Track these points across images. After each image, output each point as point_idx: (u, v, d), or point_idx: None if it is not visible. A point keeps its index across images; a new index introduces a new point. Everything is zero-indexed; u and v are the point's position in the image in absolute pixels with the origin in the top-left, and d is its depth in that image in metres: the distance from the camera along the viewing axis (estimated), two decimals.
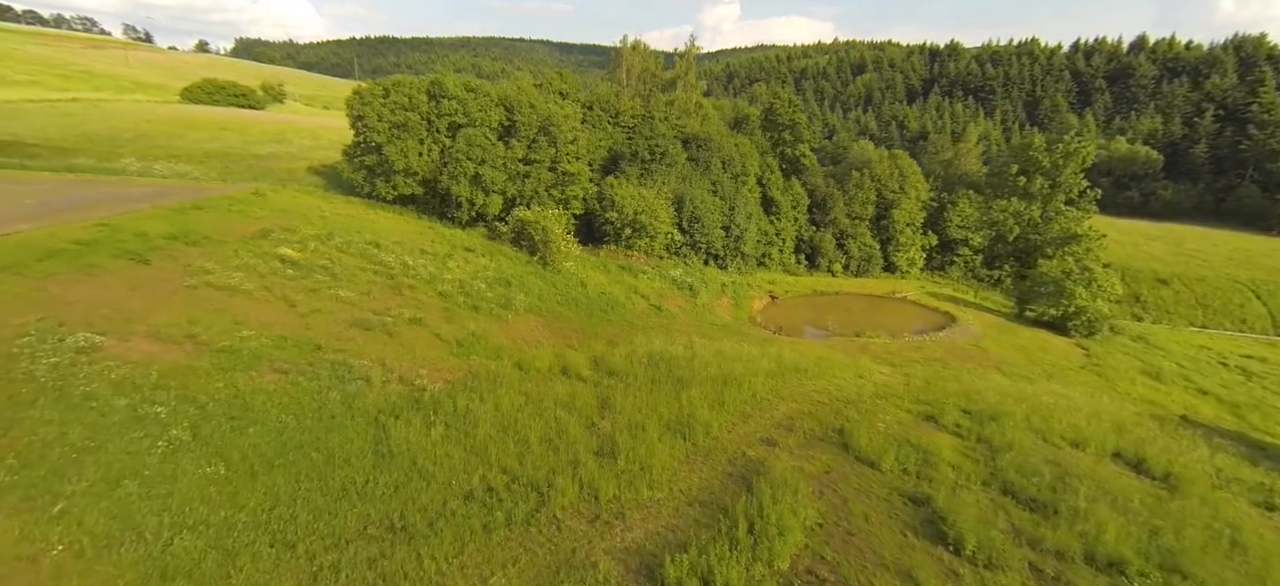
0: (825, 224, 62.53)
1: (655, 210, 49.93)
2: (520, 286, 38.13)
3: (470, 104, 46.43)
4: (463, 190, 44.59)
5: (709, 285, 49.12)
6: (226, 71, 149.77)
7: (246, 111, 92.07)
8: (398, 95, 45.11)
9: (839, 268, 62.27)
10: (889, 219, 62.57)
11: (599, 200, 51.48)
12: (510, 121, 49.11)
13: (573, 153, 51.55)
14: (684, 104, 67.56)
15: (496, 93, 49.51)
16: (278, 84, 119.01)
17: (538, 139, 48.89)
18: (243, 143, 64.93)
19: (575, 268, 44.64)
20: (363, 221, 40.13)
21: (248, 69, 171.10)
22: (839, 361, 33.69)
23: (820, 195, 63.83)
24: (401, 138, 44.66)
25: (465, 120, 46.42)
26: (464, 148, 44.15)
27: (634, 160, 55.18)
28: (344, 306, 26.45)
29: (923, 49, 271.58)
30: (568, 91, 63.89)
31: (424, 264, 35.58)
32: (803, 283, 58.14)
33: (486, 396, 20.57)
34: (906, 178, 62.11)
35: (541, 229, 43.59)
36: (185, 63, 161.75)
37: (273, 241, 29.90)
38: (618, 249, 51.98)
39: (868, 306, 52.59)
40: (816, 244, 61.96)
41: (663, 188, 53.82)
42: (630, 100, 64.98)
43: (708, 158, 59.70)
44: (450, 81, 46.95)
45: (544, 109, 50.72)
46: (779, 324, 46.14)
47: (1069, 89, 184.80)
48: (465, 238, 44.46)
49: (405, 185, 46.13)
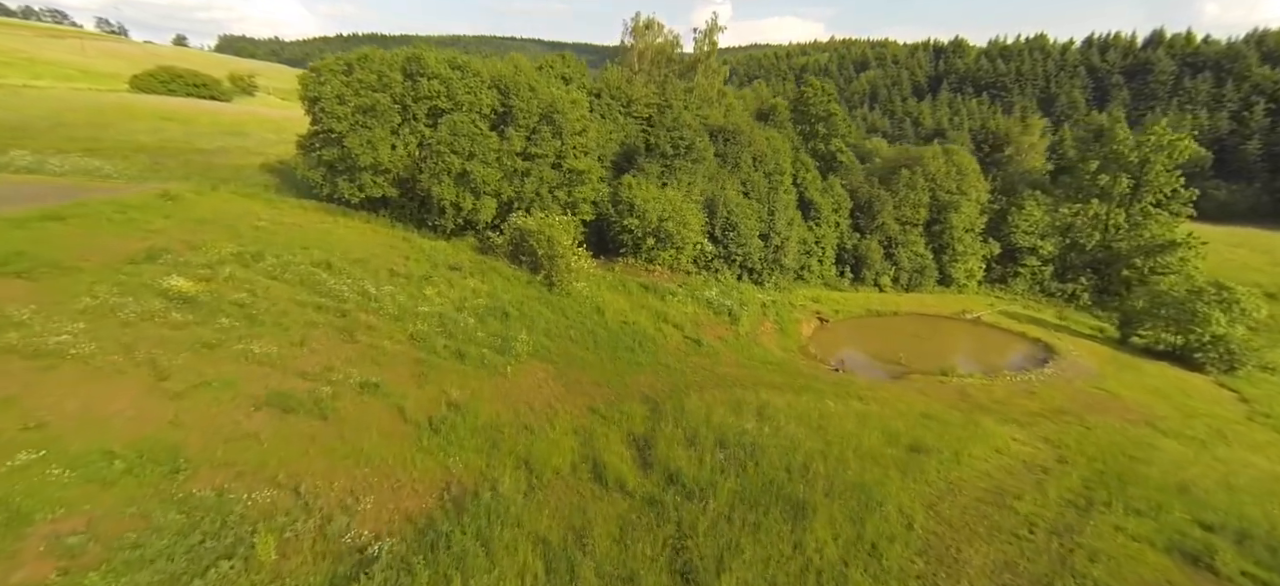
0: (871, 230, 53.83)
1: (684, 216, 40.92)
2: (521, 318, 29.00)
3: (456, 85, 37.17)
4: (446, 191, 35.32)
5: (749, 307, 40.17)
6: (196, 63, 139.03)
7: (206, 102, 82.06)
8: (364, 72, 35.75)
9: (887, 281, 53.59)
10: (945, 224, 53.95)
11: (614, 203, 42.39)
12: (505, 107, 39.90)
13: (581, 146, 42.40)
14: (705, 92, 58.66)
15: (489, 73, 40.27)
16: (247, 75, 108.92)
17: (539, 129, 39.69)
18: (187, 135, 55.16)
19: (588, 289, 35.53)
20: (314, 233, 30.80)
21: (219, 61, 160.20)
22: (953, 424, 24.92)
23: (864, 197, 55.10)
24: (368, 125, 35.31)
25: (449, 104, 37.16)
26: (448, 138, 34.89)
27: (653, 155, 46.14)
28: (256, 371, 17.23)
29: (927, 46, 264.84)
30: (571, 76, 54.70)
31: (393, 291, 26.35)
32: (851, 300, 49.35)
33: (474, 564, 11.49)
34: (965, 176, 53.60)
35: (546, 240, 34.45)
36: (152, 54, 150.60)
37: (161, 267, 20.56)
38: (636, 262, 42.90)
39: (937, 331, 43.86)
40: (861, 254, 53.25)
41: (690, 189, 44.81)
42: (644, 87, 55.94)
43: (737, 154, 50.74)
44: (431, 57, 37.67)
45: (546, 93, 41.53)
46: (839, 356, 37.25)
47: (1085, 84, 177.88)
48: (450, 252, 35.23)
49: (374, 185, 36.79)
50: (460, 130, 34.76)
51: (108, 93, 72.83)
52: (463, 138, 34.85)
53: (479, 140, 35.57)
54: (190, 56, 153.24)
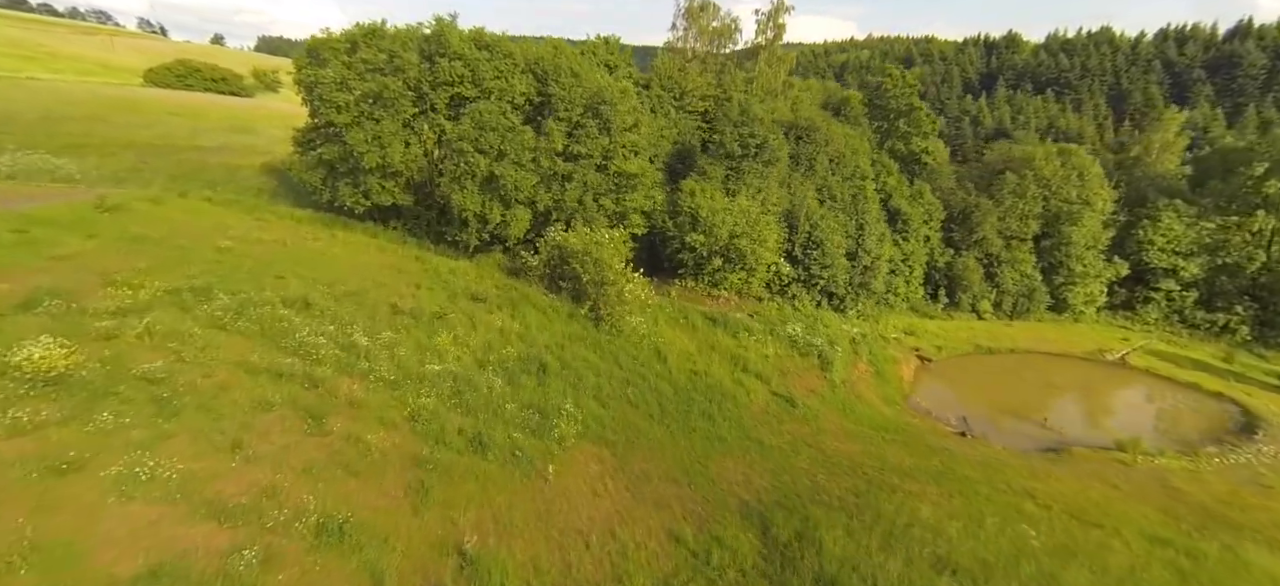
0: (968, 245, 45.18)
1: (760, 231, 33.17)
2: (564, 372, 21.71)
3: (483, 68, 30.11)
4: (469, 200, 28.26)
5: (838, 345, 32.16)
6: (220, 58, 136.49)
7: (223, 97, 77.32)
8: (371, 51, 28.95)
9: (987, 306, 44.88)
10: (1060, 239, 44.94)
11: (671, 214, 34.86)
12: (542, 96, 32.77)
13: (632, 145, 34.98)
14: (769, 83, 50.64)
15: (523, 54, 33.12)
16: (272, 71, 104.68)
17: (583, 123, 32.39)
18: (190, 132, 49.52)
19: (645, 324, 28.04)
20: (298, 255, 23.98)
21: (246, 57, 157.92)
22: (1206, 558, 16.75)
23: (958, 206, 46.44)
24: (376, 118, 28.52)
25: (475, 92, 30.14)
26: (472, 133, 27.82)
27: (716, 155, 38.37)
28: (137, 514, 10.22)
29: (977, 41, 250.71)
30: (616, 64, 47.33)
31: (393, 341, 19.29)
32: (950, 331, 40.84)
33: None
34: (1086, 182, 44.52)
35: (593, 263, 27.12)
36: (182, 51, 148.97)
37: (36, 319, 13.72)
38: (697, 286, 35.29)
39: (1073, 377, 35.19)
40: (956, 273, 44.64)
41: (762, 197, 36.94)
42: (700, 77, 48.24)
43: (812, 155, 42.70)
44: (454, 34, 30.64)
45: (591, 79, 34.23)
46: (960, 414, 29.05)
47: (1161, 80, 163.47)
48: (472, 275, 28.17)
49: (382, 191, 30.00)
50: (488, 123, 27.61)
51: (118, 86, 68.39)
52: (490, 132, 27.69)
53: (510, 136, 28.39)
54: (216, 52, 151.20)
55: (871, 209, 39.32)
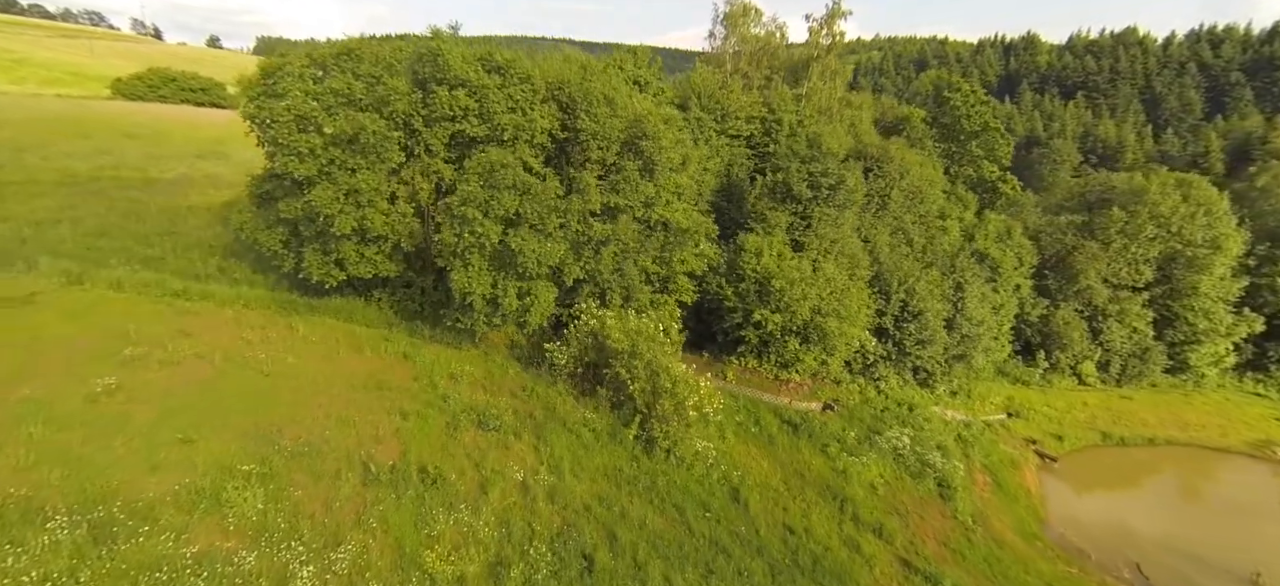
0: (1067, 295, 37.85)
1: (849, 306, 25.74)
2: (618, 561, 14.43)
3: (493, 97, 22.74)
4: (476, 280, 20.87)
5: (952, 456, 24.82)
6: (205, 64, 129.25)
7: (200, 110, 70.08)
8: (344, 79, 21.56)
9: (1091, 368, 37.55)
10: (1179, 287, 37.61)
11: (730, 277, 27.50)
12: (569, 130, 25.45)
13: (677, 188, 27.64)
14: (824, 100, 43.23)
15: (544, 76, 25.75)
16: None
17: (621, 163, 25.06)
18: (145, 159, 42.24)
19: (712, 443, 20.73)
20: (232, 384, 16.65)
21: (234, 61, 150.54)
22: None
23: (1053, 248, 39.08)
24: (351, 168, 21.21)
25: (484, 129, 22.80)
26: (480, 192, 20.40)
27: (778, 197, 30.99)
28: None
29: (995, 43, 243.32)
30: (647, 80, 40.03)
31: (359, 555, 11.97)
32: (1061, 409, 33.39)
33: None
34: (1214, 220, 37.19)
35: (645, 367, 19.85)
36: (170, 54, 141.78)
37: None
38: (761, 366, 27.93)
39: (1256, 489, 27.85)
40: (1054, 329, 37.31)
41: (838, 249, 29.58)
42: (743, 95, 40.90)
43: (885, 190, 35.40)
44: (455, 54, 23.18)
45: (628, 106, 26.92)
46: (1131, 561, 21.71)
47: (1198, 83, 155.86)
48: (480, 378, 20.92)
49: (361, 261, 22.75)
50: (500, 180, 20.20)
51: (78, 100, 61.08)
52: (506, 191, 20.27)
53: (534, 196, 20.98)
54: (204, 57, 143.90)
55: (968, 264, 31.88)
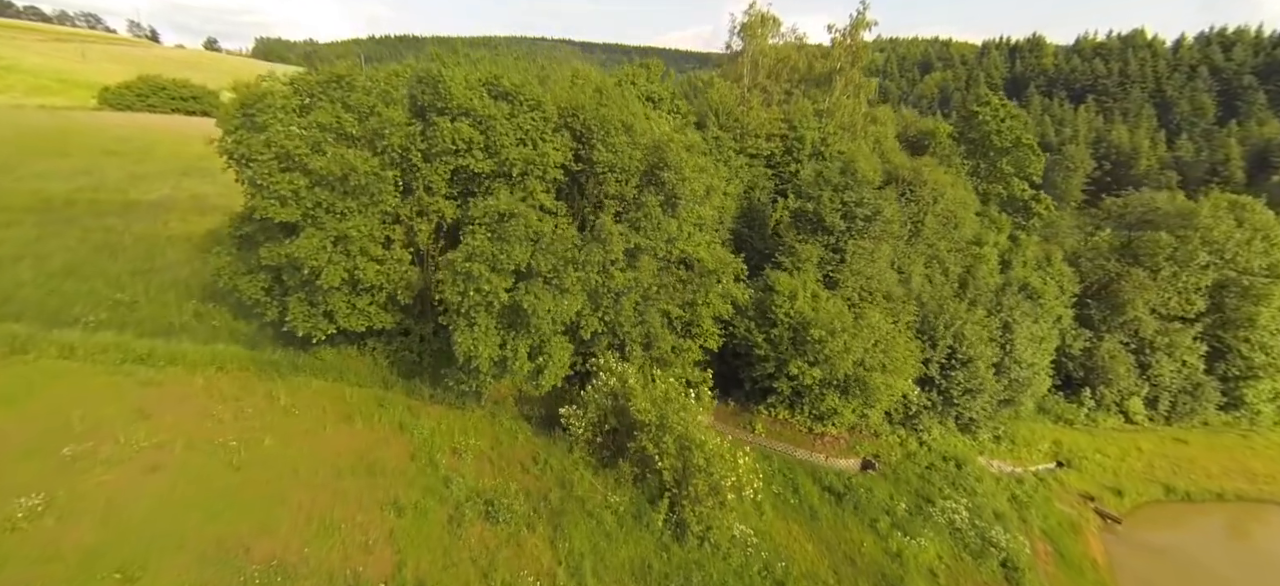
0: (1111, 326, 35.40)
1: (896, 356, 23.20)
2: None
3: (501, 129, 20.22)
4: (484, 342, 18.33)
5: (1006, 520, 22.33)
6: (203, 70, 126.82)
7: (193, 120, 67.46)
8: (332, 112, 19.04)
9: (1138, 405, 35.12)
10: (1233, 319, 35.19)
11: (760, 319, 24.99)
12: (584, 163, 22.97)
13: (700, 220, 25.16)
14: (847, 116, 40.71)
15: (555, 101, 23.26)
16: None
17: (643, 199, 22.56)
18: (127, 180, 39.77)
19: (749, 530, 18.23)
20: (197, 474, 14.14)
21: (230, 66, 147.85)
22: None
23: (1096, 276, 36.61)
24: (340, 213, 18.70)
25: (490, 163, 20.31)
26: (485, 245, 17.88)
27: (806, 229, 28.49)
28: None
29: (999, 45, 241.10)
30: (660, 96, 37.59)
31: None
32: (1113, 455, 30.88)
33: None
34: (1272, 246, 34.73)
35: (675, 443, 17.36)
36: (165, 58, 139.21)
37: None
38: (793, 418, 25.40)
39: None
40: (1098, 363, 34.86)
41: (870, 286, 27.07)
42: (763, 110, 38.41)
43: (918, 215, 32.91)
44: (456, 80, 20.67)
45: (647, 130, 24.52)
46: None
47: (1210, 86, 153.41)
48: (486, 450, 18.48)
49: (351, 314, 20.28)
50: (512, 229, 17.69)
51: (63, 111, 58.50)
52: (515, 243, 17.75)
53: (552, 247, 18.47)
54: (199, 60, 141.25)
55: (1016, 301, 29.35)
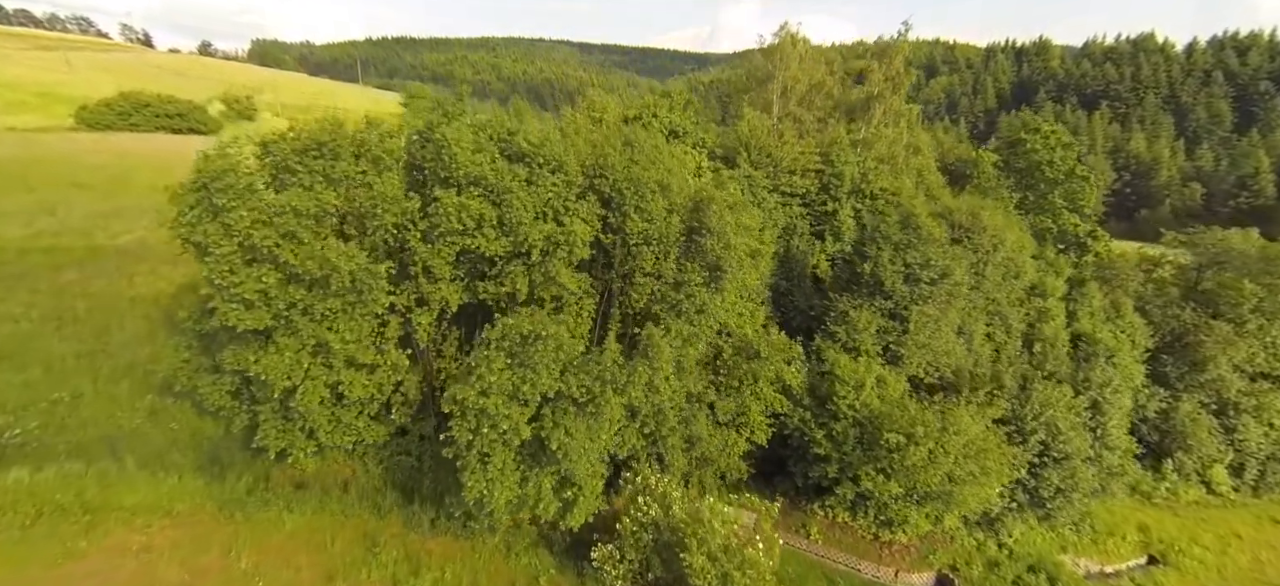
0: (1189, 385, 31.90)
1: (987, 458, 19.51)
2: None
3: (517, 201, 16.47)
4: (500, 485, 14.51)
5: None
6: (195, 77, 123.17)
7: (179, 138, 63.81)
8: (307, 193, 15.31)
9: (1222, 475, 31.59)
10: None
11: (817, 408, 21.31)
12: (612, 230, 19.29)
13: (743, 288, 21.59)
14: (887, 148, 36.98)
15: (578, 157, 19.56)
16: (245, 97, 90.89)
17: (684, 276, 18.95)
18: (96, 216, 36.06)
19: None
20: None
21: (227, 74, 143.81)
22: None
23: (1168, 326, 33.06)
24: (320, 313, 14.94)
25: (506, 244, 16.63)
26: (504, 377, 14.08)
27: (863, 291, 24.84)
28: None
29: (1006, 48, 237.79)
30: (683, 128, 33.99)
31: None
32: (1216, 546, 27.22)
33: None
34: None
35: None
36: (153, 66, 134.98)
37: None
38: (854, 520, 21.72)
39: None
40: (1175, 427, 31.33)
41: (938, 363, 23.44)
42: (796, 143, 34.71)
43: (979, 265, 29.25)
44: (463, 143, 16.91)
45: (683, 184, 20.99)
46: None
47: (1225, 93, 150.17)
48: None
49: (336, 430, 16.57)
50: (537, 354, 13.94)
51: (36, 131, 54.61)
52: (542, 370, 14.01)
53: (587, 366, 14.74)
54: (188, 68, 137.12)
55: (1103, 373, 25.74)
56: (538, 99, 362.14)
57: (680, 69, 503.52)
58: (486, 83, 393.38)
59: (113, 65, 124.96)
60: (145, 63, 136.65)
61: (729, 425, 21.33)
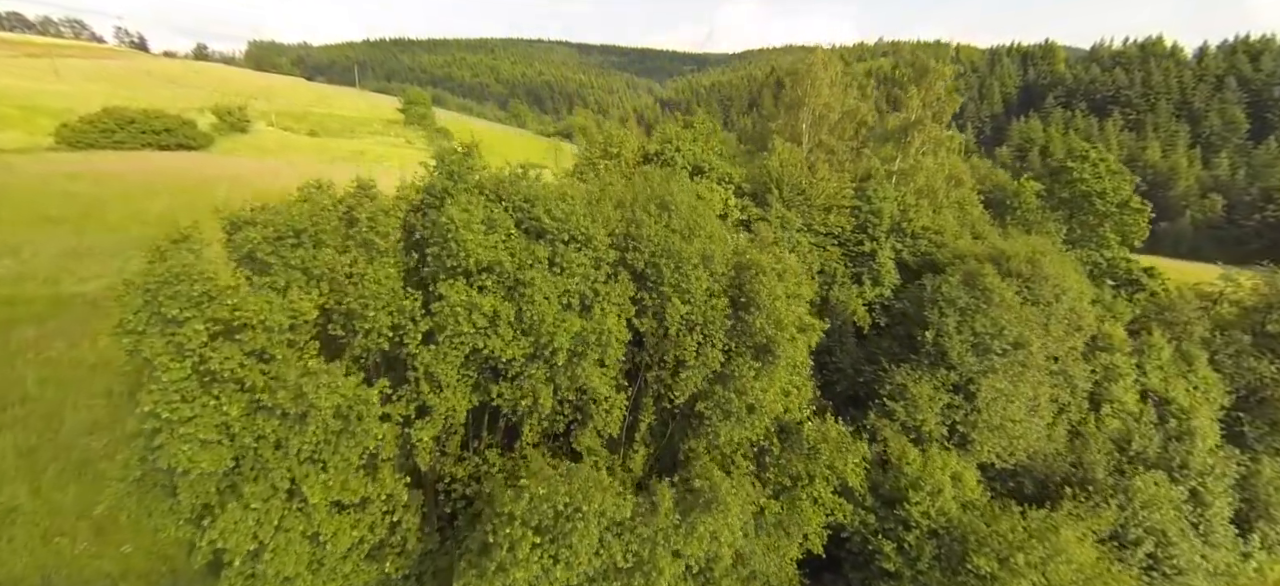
0: (1271, 448, 29.00)
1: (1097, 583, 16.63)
2: None
3: (538, 293, 13.45)
4: None
5: None
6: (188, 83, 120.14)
7: (164, 154, 60.86)
8: (280, 303, 12.29)
9: None
10: None
11: (882, 510, 18.33)
12: (644, 308, 16.31)
13: (793, 364, 18.62)
14: (926, 179, 34.04)
15: (607, 217, 16.55)
16: (238, 108, 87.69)
17: (732, 368, 16.00)
18: (66, 255, 33.05)
19: None
20: None
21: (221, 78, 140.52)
22: None
23: (1241, 378, 30.19)
24: (297, 450, 11.88)
25: (525, 346, 13.61)
26: (529, 562, 10.98)
27: (924, 360, 21.88)
28: None
29: (1011, 51, 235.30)
30: (708, 163, 31.02)
31: None
32: None
33: None
34: None
35: None
36: (144, 73, 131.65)
37: None
38: None
39: None
40: (1257, 494, 28.38)
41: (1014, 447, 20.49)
42: (831, 177, 31.77)
43: (1043, 320, 26.32)
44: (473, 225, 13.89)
45: (724, 242, 18.10)
46: None
47: (1239, 99, 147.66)
48: None
49: (317, 576, 13.40)
50: (577, 533, 10.88)
51: (12, 153, 51.40)
52: (582, 546, 10.95)
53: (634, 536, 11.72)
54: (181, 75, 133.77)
55: (1209, 460, 22.80)
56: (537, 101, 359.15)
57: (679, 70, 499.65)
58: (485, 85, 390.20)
59: (102, 73, 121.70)
60: (136, 70, 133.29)
61: (778, 527, 18.38)
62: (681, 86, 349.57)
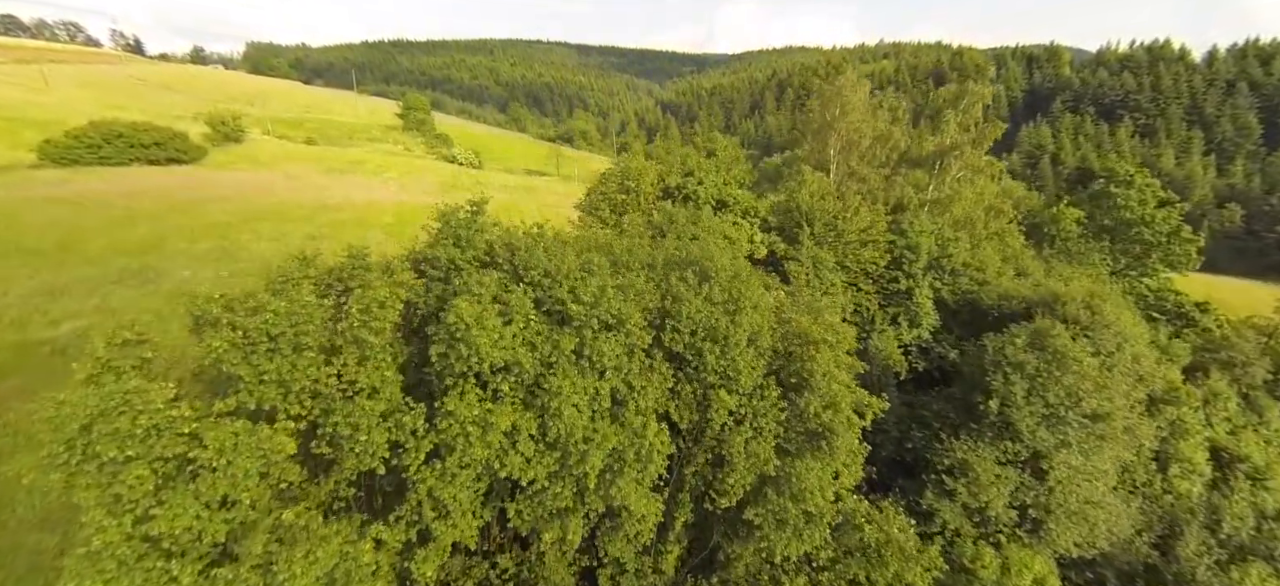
0: None
1: None
2: None
3: (568, 404, 11.01)
4: None
5: None
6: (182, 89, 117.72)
7: (151, 170, 58.34)
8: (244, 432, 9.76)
9: None
10: None
11: None
12: (681, 399, 13.88)
13: (851, 450, 16.13)
14: (966, 208, 31.62)
15: (639, 301, 14.07)
16: (233, 116, 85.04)
17: (785, 464, 13.60)
18: (37, 295, 30.50)
19: None
20: None
21: (216, 83, 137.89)
22: None
23: None
24: None
25: (550, 462, 11.21)
26: None
27: (983, 428, 19.52)
28: None
29: (1016, 53, 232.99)
30: (732, 197, 28.59)
31: None
32: None
33: None
34: None
35: None
36: (137, 80, 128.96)
37: None
38: None
39: None
40: None
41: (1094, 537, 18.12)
42: (865, 209, 29.34)
43: (1105, 367, 23.93)
44: (484, 322, 11.49)
45: (768, 315, 15.60)
46: None
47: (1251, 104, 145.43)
48: None
49: None
50: None
51: None
52: None
53: None
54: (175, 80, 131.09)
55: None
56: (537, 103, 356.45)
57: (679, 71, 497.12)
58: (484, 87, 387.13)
59: (93, 79, 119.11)
60: (128, 75, 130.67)
61: None
62: (682, 89, 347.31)
